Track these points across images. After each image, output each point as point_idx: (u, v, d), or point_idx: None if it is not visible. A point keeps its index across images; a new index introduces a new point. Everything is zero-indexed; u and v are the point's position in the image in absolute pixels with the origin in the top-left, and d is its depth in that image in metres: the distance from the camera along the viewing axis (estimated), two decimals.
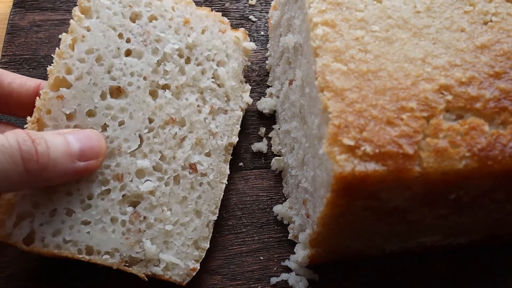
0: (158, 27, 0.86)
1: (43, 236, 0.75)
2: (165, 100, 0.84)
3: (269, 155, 0.97)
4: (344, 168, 0.60)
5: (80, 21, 0.79)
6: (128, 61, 0.82)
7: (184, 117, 0.85)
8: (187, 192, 0.83)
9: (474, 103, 0.64)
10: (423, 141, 0.62)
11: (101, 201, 0.77)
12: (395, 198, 0.65)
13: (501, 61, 0.67)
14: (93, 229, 0.76)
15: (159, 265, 0.79)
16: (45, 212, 0.75)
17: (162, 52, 0.85)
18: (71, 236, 0.76)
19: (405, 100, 0.64)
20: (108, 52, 0.80)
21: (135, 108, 0.81)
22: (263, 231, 0.90)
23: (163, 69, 0.85)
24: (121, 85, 0.81)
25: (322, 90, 0.65)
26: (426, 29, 0.69)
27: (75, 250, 0.76)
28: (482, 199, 0.67)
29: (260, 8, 1.11)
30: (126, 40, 0.83)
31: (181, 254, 0.81)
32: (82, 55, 0.79)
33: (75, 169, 0.72)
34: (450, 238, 0.81)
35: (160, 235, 0.80)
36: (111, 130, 0.79)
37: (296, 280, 0.84)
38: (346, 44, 0.68)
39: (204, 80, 0.89)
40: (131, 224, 0.78)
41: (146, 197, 0.79)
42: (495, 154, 0.61)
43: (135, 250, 0.78)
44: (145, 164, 0.80)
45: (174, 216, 0.81)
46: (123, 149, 0.79)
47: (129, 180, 0.79)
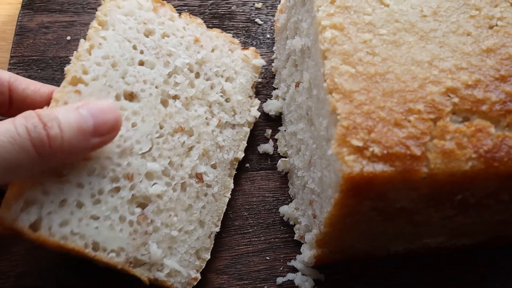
0: (170, 43, 0.90)
1: (50, 224, 0.73)
2: (175, 110, 0.86)
3: (275, 157, 0.98)
4: (353, 169, 0.61)
5: (97, 32, 0.82)
6: (141, 70, 0.84)
7: (193, 127, 0.88)
8: (193, 200, 0.85)
9: (480, 105, 0.65)
10: (430, 142, 0.63)
11: (111, 198, 0.77)
12: (402, 199, 0.66)
13: (507, 65, 0.68)
14: (101, 225, 0.76)
15: (162, 270, 0.79)
16: (55, 201, 0.74)
17: (173, 65, 0.88)
18: (79, 229, 0.75)
19: (412, 102, 0.65)
20: (123, 60, 0.83)
21: (147, 113, 0.82)
22: (269, 231, 0.91)
23: (174, 81, 0.88)
24: (134, 90, 0.82)
25: (330, 92, 0.66)
26: (432, 33, 0.70)
27: (82, 244, 0.74)
28: (488, 200, 0.68)
29: (266, 12, 1.13)
30: (140, 51, 0.85)
31: (184, 262, 0.82)
32: (98, 59, 0.80)
33: (90, 145, 0.71)
34: (454, 239, 0.82)
35: (165, 240, 0.80)
36: (125, 129, 0.79)
37: (302, 280, 0.85)
38: (354, 47, 0.69)
39: (212, 94, 0.92)
40: (139, 225, 0.78)
41: (154, 200, 0.80)
42: (501, 156, 0.62)
43: (140, 252, 0.78)
44: (155, 167, 0.81)
45: (180, 223, 0.82)
46: (135, 150, 0.80)
47: (138, 180, 0.79)
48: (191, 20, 0.96)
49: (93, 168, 0.76)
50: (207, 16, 1.11)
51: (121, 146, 0.79)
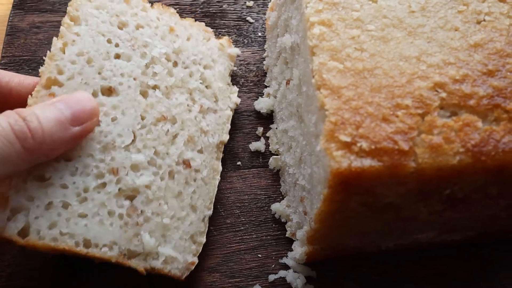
0: (145, 34, 0.88)
1: (39, 228, 0.74)
2: (156, 99, 0.85)
3: (267, 154, 0.98)
4: (341, 164, 0.61)
5: (70, 28, 0.81)
6: (118, 63, 0.83)
7: (175, 115, 0.86)
8: (182, 187, 0.84)
9: (468, 100, 0.65)
10: (418, 137, 0.63)
11: (97, 194, 0.77)
12: (390, 194, 0.66)
13: (494, 59, 0.68)
14: (90, 222, 0.76)
15: (158, 259, 0.79)
16: (40, 205, 0.74)
17: (150, 55, 0.87)
18: (68, 229, 0.75)
19: (400, 98, 0.65)
20: (98, 55, 0.82)
21: (127, 106, 0.82)
22: (261, 229, 0.91)
23: (152, 71, 0.86)
24: (112, 85, 0.81)
25: (319, 88, 0.66)
26: (420, 28, 0.71)
27: (73, 243, 0.75)
28: (476, 195, 0.69)
29: (257, 10, 1.13)
30: (115, 44, 0.84)
31: (179, 248, 0.82)
32: (73, 57, 0.80)
33: (71, 135, 0.72)
34: (444, 235, 0.82)
35: (158, 229, 0.80)
36: (104, 124, 0.79)
37: (294, 277, 0.85)
38: (343, 43, 0.69)
39: (192, 81, 0.91)
40: (129, 217, 0.78)
41: (142, 191, 0.80)
42: (488, 150, 0.63)
43: (133, 243, 0.78)
44: (140, 158, 0.80)
45: (171, 210, 0.82)
46: (117, 144, 0.79)
47: (124, 174, 0.79)
48: (164, 10, 0.95)
49: (76, 167, 0.76)
50: (198, 14, 1.11)
51: (102, 141, 0.78)
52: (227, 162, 0.96)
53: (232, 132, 0.98)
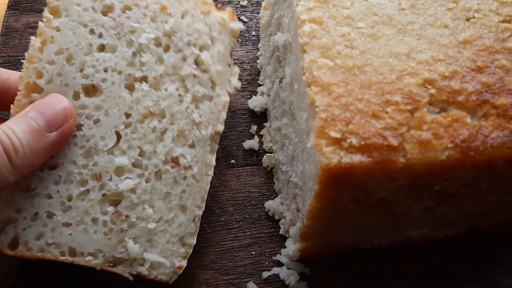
0: (133, 17, 0.81)
1: (27, 240, 0.75)
2: (142, 93, 0.80)
3: (261, 152, 0.98)
4: (331, 160, 0.62)
5: (49, 22, 0.77)
6: (101, 57, 0.79)
7: (164, 108, 0.81)
8: (170, 187, 0.81)
9: (457, 96, 0.66)
10: (407, 133, 0.64)
11: (81, 202, 0.76)
12: (381, 190, 0.67)
13: (483, 56, 0.69)
14: (74, 230, 0.76)
15: (144, 265, 0.78)
16: (27, 216, 0.75)
17: (137, 43, 0.81)
18: (54, 239, 0.75)
19: (390, 94, 0.66)
20: (79, 50, 0.78)
21: (110, 105, 0.78)
22: (255, 226, 0.91)
23: (139, 61, 0.81)
24: (95, 82, 0.78)
25: (309, 85, 0.67)
26: (410, 26, 0.71)
27: (58, 253, 0.75)
28: (466, 190, 0.69)
29: (251, 9, 1.13)
30: (98, 35, 0.79)
31: (167, 252, 0.80)
32: (51, 56, 0.76)
33: (50, 142, 0.72)
34: (437, 231, 0.82)
35: (143, 234, 0.78)
36: (87, 128, 0.77)
37: (287, 274, 0.86)
38: (333, 40, 0.70)
39: (185, 67, 0.83)
40: (113, 224, 0.77)
41: (126, 195, 0.78)
42: (477, 145, 0.63)
43: (118, 250, 0.77)
44: (123, 161, 0.78)
45: (157, 213, 0.80)
46: (99, 147, 0.77)
47: (107, 179, 0.77)
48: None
49: (59, 176, 0.76)
50: None
51: (85, 146, 0.77)
52: (221, 160, 0.96)
53: (226, 131, 0.99)
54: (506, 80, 0.67)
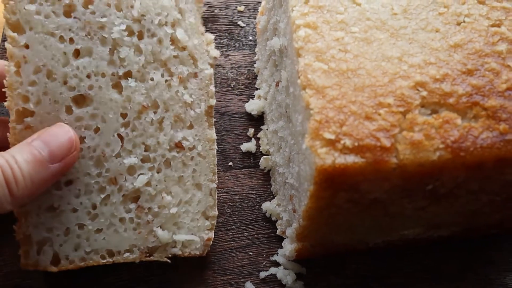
0: (97, 12, 0.78)
1: (66, 254, 0.80)
2: (131, 90, 0.80)
3: (258, 155, 1.00)
4: (325, 161, 0.64)
5: (15, 41, 0.74)
6: (80, 64, 0.78)
7: (156, 99, 0.82)
8: (181, 171, 0.85)
9: (448, 98, 0.68)
10: (400, 134, 0.65)
11: (105, 207, 0.81)
12: (375, 190, 0.68)
13: (473, 59, 0.70)
14: (107, 234, 0.81)
15: (176, 246, 0.84)
16: (60, 233, 0.80)
17: (110, 39, 0.79)
18: (91, 247, 0.81)
19: (382, 96, 0.67)
20: (56, 63, 0.76)
21: (105, 110, 0.79)
22: (252, 227, 0.93)
23: (118, 57, 0.80)
24: (82, 92, 0.78)
25: (304, 88, 0.68)
26: (402, 30, 0.73)
27: (98, 258, 0.81)
28: (458, 190, 0.71)
29: (248, 14, 1.15)
30: (69, 41, 0.77)
31: (193, 230, 0.85)
32: (31, 77, 0.75)
33: (51, 173, 0.72)
34: (431, 231, 0.84)
35: (168, 220, 0.83)
36: (89, 139, 0.79)
37: (284, 274, 0.87)
38: (327, 44, 0.71)
39: (163, 51, 0.83)
40: (139, 218, 0.82)
41: (143, 190, 0.82)
42: (467, 146, 0.65)
43: (150, 240, 0.82)
44: (132, 161, 0.81)
45: (176, 198, 0.84)
46: (107, 154, 0.80)
47: (123, 180, 0.81)
48: None
49: (78, 189, 0.80)
50: None
51: (93, 157, 0.80)
52: (219, 163, 0.98)
53: (223, 134, 1.01)
54: (495, 83, 0.68)
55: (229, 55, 1.10)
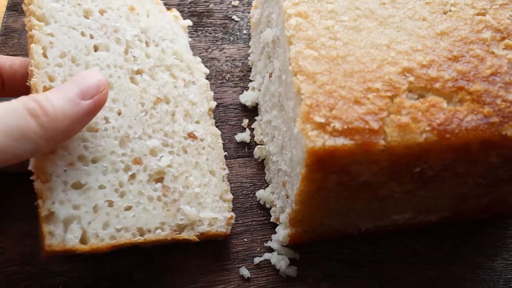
0: (111, 18, 0.89)
1: (96, 232, 0.78)
2: (146, 84, 0.89)
3: (252, 145, 1.02)
4: (316, 143, 0.66)
5: (42, 29, 0.80)
6: (100, 56, 0.85)
7: (167, 94, 0.91)
8: (197, 157, 0.91)
9: (434, 83, 0.70)
10: (388, 117, 0.68)
11: (132, 186, 0.82)
12: (364, 172, 0.70)
13: (459, 46, 0.73)
14: (136, 211, 0.82)
15: (203, 224, 0.87)
16: (88, 210, 0.78)
17: (124, 40, 0.89)
18: (120, 224, 0.80)
19: (371, 82, 0.70)
20: (79, 52, 0.83)
21: (125, 96, 0.85)
22: (247, 215, 0.95)
23: (132, 56, 0.89)
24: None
25: (295, 74, 0.71)
26: (391, 19, 0.75)
27: (130, 235, 0.80)
28: (445, 173, 0.73)
29: (242, 9, 1.18)
30: (90, 36, 0.85)
31: (216, 209, 0.89)
32: (57, 60, 0.80)
33: (84, 108, 0.73)
34: (420, 216, 0.86)
35: (192, 199, 0.87)
36: (113, 120, 0.83)
37: (278, 259, 0.89)
38: (318, 33, 0.74)
39: (167, 58, 0.95)
40: (165, 197, 0.85)
41: (167, 171, 0.86)
42: (452, 128, 0.67)
43: (178, 218, 0.85)
44: (155, 143, 0.86)
45: (197, 180, 0.89)
46: (131, 135, 0.84)
47: (147, 161, 0.85)
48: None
49: (105, 167, 0.81)
50: (186, 14, 1.16)
51: (118, 137, 0.83)
52: None
53: (218, 125, 1.03)
54: (480, 68, 0.71)
55: (224, 49, 1.12)
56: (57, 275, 0.86)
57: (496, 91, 0.69)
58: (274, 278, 0.89)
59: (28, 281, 0.86)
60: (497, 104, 0.69)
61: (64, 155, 0.78)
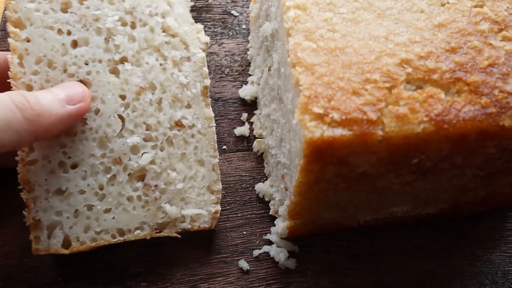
0: (91, 6, 0.85)
1: (77, 236, 0.82)
2: (128, 73, 0.86)
3: (251, 138, 1.03)
4: (314, 134, 0.66)
5: (17, 36, 0.81)
6: (78, 52, 0.84)
7: (152, 81, 0.87)
8: (183, 148, 0.88)
9: (432, 74, 0.70)
10: (386, 108, 0.68)
11: (112, 187, 0.83)
12: (362, 163, 0.71)
13: (456, 38, 0.73)
14: (116, 213, 0.83)
15: (185, 221, 0.86)
16: (69, 215, 0.82)
17: (105, 29, 0.86)
18: (101, 227, 0.83)
19: (369, 73, 0.70)
20: (56, 53, 0.82)
21: (103, 92, 0.84)
22: (246, 208, 0.95)
23: (114, 45, 0.86)
24: (81, 77, 0.83)
25: (294, 66, 0.71)
26: (389, 11, 0.76)
27: (109, 237, 0.83)
28: (443, 164, 0.73)
29: (241, 4, 1.18)
30: (67, 33, 0.84)
31: (200, 204, 0.88)
32: (33, 67, 0.81)
33: (68, 112, 0.76)
34: (419, 208, 0.86)
35: (175, 196, 0.86)
36: (91, 121, 0.83)
37: (277, 251, 0.90)
38: (316, 25, 0.74)
39: (156, 37, 0.89)
40: (146, 196, 0.85)
41: (148, 168, 0.85)
42: (450, 119, 0.67)
43: (159, 216, 0.85)
44: (135, 140, 0.84)
45: (181, 174, 0.87)
46: (109, 135, 0.83)
47: (127, 160, 0.84)
48: None
49: (84, 171, 0.83)
50: None
51: (96, 138, 0.83)
52: None
53: (218, 118, 1.03)
54: (477, 60, 0.71)
55: (223, 43, 1.13)
56: (56, 268, 0.87)
57: (494, 82, 0.70)
58: (273, 270, 0.90)
59: (28, 274, 0.87)
60: (494, 95, 0.69)
61: (44, 164, 0.81)
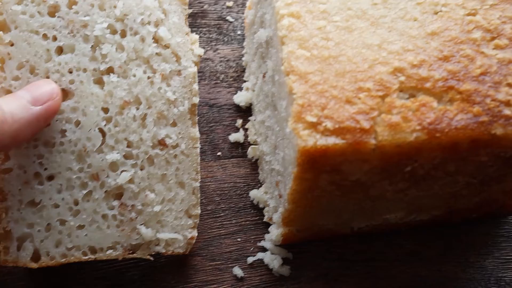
0: (81, 11, 0.81)
1: (47, 250, 0.80)
2: (113, 85, 0.81)
3: (246, 145, 1.03)
4: (307, 142, 0.66)
5: (1, 40, 0.78)
6: (62, 60, 0.80)
7: (138, 95, 0.82)
8: (164, 169, 0.84)
9: (425, 83, 0.71)
10: (379, 117, 0.68)
11: (87, 204, 0.81)
12: (355, 171, 0.71)
13: (449, 46, 0.73)
14: (89, 230, 0.81)
15: (159, 244, 0.84)
16: (41, 229, 0.80)
17: (92, 36, 0.81)
18: (72, 243, 0.80)
19: (362, 81, 0.70)
20: (39, 60, 0.79)
21: (86, 104, 0.80)
22: (240, 214, 0.95)
23: (100, 54, 0.81)
24: (63, 86, 0.80)
25: (287, 74, 0.71)
26: (382, 19, 0.76)
27: (80, 254, 0.81)
28: (436, 172, 0.74)
29: (237, 10, 1.18)
30: (53, 38, 0.80)
31: (177, 228, 0.84)
32: (14, 73, 0.79)
33: (35, 114, 0.73)
34: (412, 215, 0.87)
35: (151, 218, 0.83)
36: (71, 133, 0.80)
37: (271, 258, 0.90)
38: (310, 33, 0.74)
39: (146, 48, 0.83)
40: (122, 216, 0.82)
41: (126, 187, 0.82)
42: (442, 127, 0.68)
43: (133, 238, 0.82)
44: (115, 156, 0.81)
45: (159, 196, 0.84)
46: (88, 149, 0.80)
47: (105, 176, 0.81)
48: None
49: (60, 184, 0.80)
50: None
51: (75, 151, 0.80)
52: (208, 153, 1.00)
53: (212, 125, 1.03)
54: (470, 68, 0.72)
55: (218, 49, 1.13)
56: (51, 275, 0.87)
57: (486, 90, 0.70)
58: (267, 277, 0.90)
59: (23, 281, 0.86)
60: (486, 103, 0.69)
61: (20, 174, 0.79)
